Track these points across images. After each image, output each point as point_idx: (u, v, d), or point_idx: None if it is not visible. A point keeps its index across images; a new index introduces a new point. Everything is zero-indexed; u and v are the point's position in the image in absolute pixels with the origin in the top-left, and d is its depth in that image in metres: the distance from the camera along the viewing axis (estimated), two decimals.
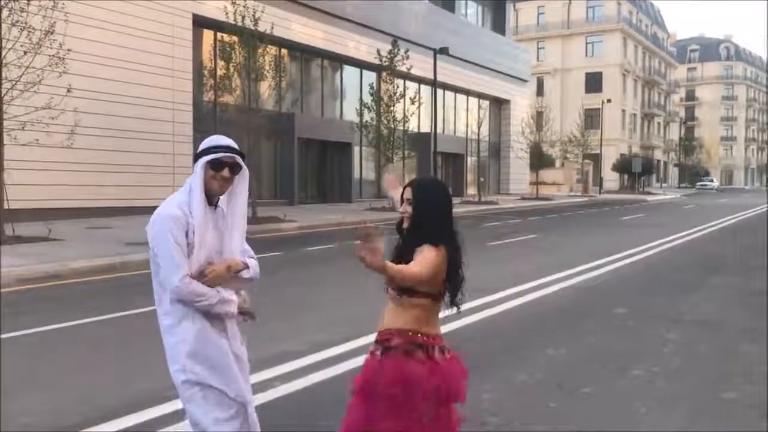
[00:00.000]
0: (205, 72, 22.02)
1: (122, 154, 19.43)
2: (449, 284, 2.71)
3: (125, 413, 4.32)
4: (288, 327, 6.81)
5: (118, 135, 19.39)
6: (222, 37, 22.13)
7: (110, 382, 5.07)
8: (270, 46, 20.65)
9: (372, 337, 2.82)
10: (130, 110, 19.73)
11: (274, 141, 25.99)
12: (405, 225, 2.73)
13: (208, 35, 23.70)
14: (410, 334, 2.64)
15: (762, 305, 8.24)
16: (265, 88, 20.59)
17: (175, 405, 4.28)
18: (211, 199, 2.82)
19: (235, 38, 19.58)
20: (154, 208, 2.85)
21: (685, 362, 5.78)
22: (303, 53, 28.70)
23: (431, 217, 2.69)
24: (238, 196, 2.89)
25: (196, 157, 2.81)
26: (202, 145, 2.83)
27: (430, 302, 2.69)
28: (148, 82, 20.42)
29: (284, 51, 26.43)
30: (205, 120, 22.86)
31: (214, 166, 2.75)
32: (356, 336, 6.05)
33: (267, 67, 19.96)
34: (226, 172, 2.77)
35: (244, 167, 2.86)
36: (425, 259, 2.61)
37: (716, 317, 7.61)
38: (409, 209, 2.71)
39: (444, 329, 2.85)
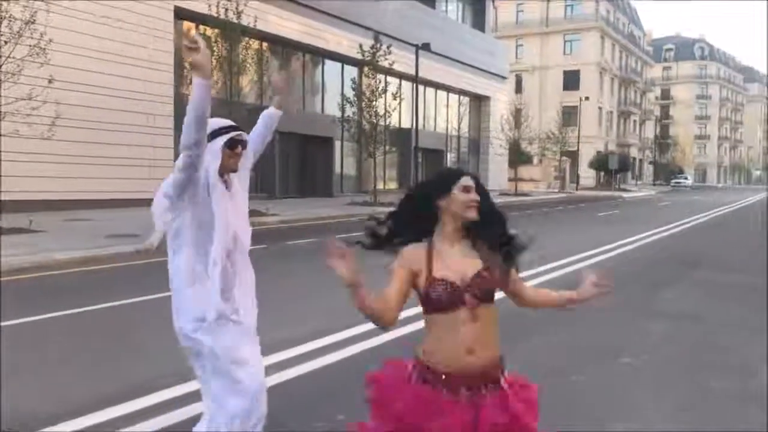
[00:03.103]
0: (186, 65, 21.83)
1: (102, 147, 19.28)
2: None
3: (95, 409, 4.20)
4: (287, 316, 6.84)
5: (98, 127, 19.24)
6: (204, 30, 22.02)
7: (87, 375, 5.02)
8: (252, 40, 20.60)
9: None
10: (110, 102, 19.59)
11: None
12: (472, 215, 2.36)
13: (189, 28, 23.54)
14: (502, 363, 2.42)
15: (737, 297, 8.53)
16: (247, 81, 20.54)
17: (151, 400, 4.31)
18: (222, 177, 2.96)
19: (216, 31, 19.50)
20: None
21: (666, 352, 5.97)
22: (284, 47, 28.64)
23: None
24: (247, 170, 3.11)
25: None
26: (209, 129, 2.89)
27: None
28: (129, 74, 20.26)
29: (265, 45, 26.36)
30: (185, 113, 22.68)
31: (231, 145, 2.92)
32: (355, 324, 6.12)
33: (249, 61, 19.92)
34: (239, 149, 2.96)
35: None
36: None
37: (694, 310, 7.83)
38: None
39: None
